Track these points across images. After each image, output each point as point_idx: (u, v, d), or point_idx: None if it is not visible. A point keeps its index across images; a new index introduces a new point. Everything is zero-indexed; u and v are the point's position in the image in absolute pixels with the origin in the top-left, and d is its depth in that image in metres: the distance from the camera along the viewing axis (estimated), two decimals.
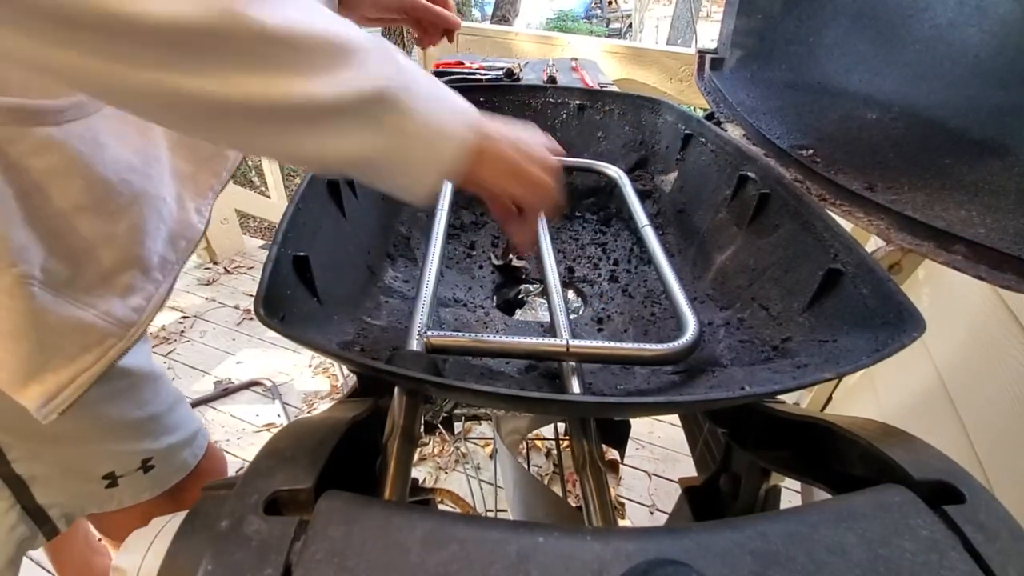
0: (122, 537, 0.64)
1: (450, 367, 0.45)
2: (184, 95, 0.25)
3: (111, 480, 0.54)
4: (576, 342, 0.41)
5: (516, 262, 0.64)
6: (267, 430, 1.42)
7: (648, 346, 0.42)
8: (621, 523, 1.08)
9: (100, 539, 0.76)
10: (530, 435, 1.30)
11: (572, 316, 0.57)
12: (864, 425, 0.31)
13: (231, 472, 1.30)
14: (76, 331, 0.41)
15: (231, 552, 0.21)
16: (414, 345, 0.41)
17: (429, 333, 0.41)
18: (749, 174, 0.55)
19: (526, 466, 1.12)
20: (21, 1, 0.21)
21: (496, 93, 0.77)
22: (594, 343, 0.42)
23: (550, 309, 0.50)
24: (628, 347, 0.42)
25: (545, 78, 0.96)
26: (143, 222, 0.45)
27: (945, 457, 0.27)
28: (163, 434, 0.56)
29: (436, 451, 1.34)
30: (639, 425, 1.43)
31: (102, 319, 0.43)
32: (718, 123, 0.68)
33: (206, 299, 1.87)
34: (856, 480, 0.30)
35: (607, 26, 10.82)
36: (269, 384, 1.54)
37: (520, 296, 0.63)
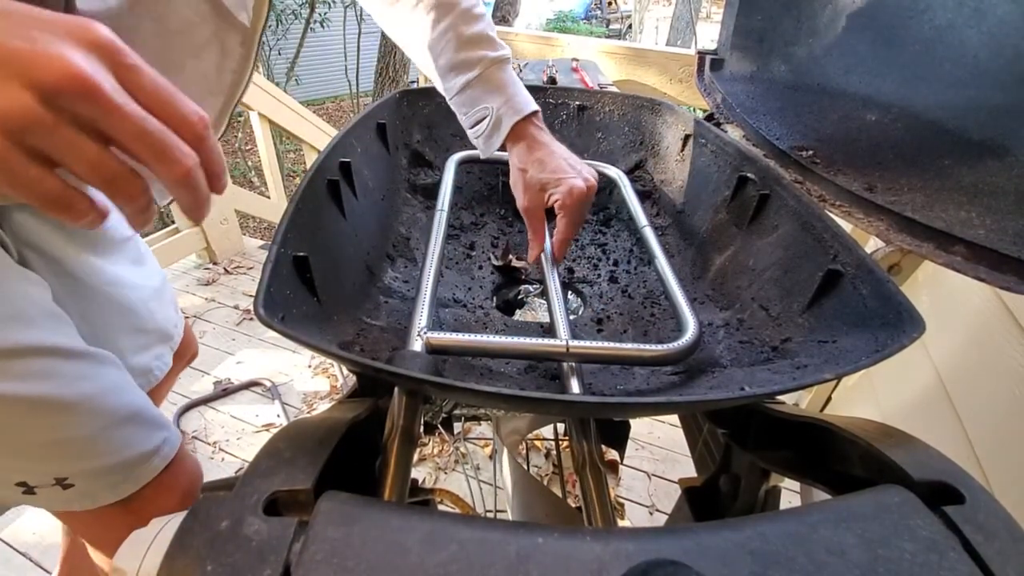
0: (81, 532, 0.61)
1: (450, 367, 0.45)
2: None
3: (26, 488, 0.50)
4: (576, 342, 0.41)
5: (516, 263, 0.64)
6: (267, 430, 1.42)
7: (648, 346, 0.42)
8: (621, 523, 1.08)
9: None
10: (529, 436, 1.30)
11: (572, 316, 0.57)
12: (864, 426, 0.31)
13: (229, 473, 1.30)
14: None
15: (230, 553, 0.21)
16: (414, 345, 0.41)
17: (429, 333, 0.41)
18: (749, 175, 0.55)
19: (525, 467, 1.12)
20: None
21: None
22: (594, 343, 0.42)
23: (550, 310, 0.50)
24: (628, 347, 0.42)
25: (545, 79, 0.96)
26: None
27: (944, 458, 0.27)
28: (81, 458, 0.51)
29: (436, 451, 1.34)
30: (639, 426, 1.43)
31: None
32: (718, 124, 0.68)
33: (206, 299, 1.87)
34: (856, 481, 0.30)
35: (607, 27, 10.85)
36: (269, 384, 1.54)
37: (520, 296, 0.63)
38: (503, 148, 0.57)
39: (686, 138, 0.69)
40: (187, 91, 0.40)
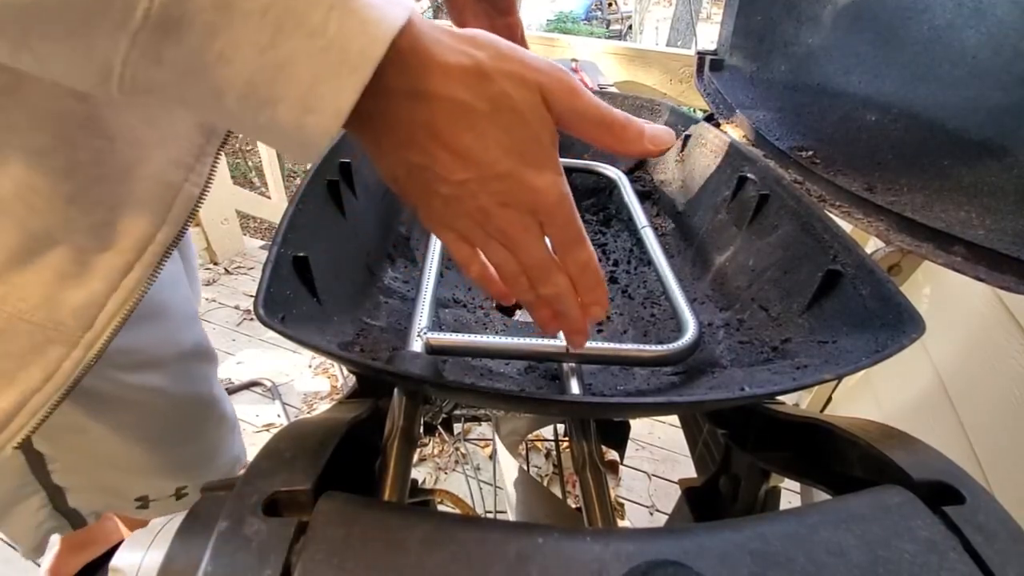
0: None
1: (450, 368, 0.45)
2: None
3: (143, 503, 0.53)
4: None
5: None
6: (267, 430, 1.42)
7: (648, 347, 0.42)
8: (621, 524, 1.07)
9: None
10: (530, 436, 1.30)
11: None
12: (864, 426, 0.31)
13: None
14: None
15: (230, 553, 0.21)
16: (414, 346, 0.41)
17: (429, 334, 0.41)
18: (748, 175, 0.55)
19: (526, 467, 1.12)
20: None
21: None
22: (593, 344, 0.42)
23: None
24: (628, 348, 0.42)
25: None
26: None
27: (945, 458, 0.27)
28: (203, 468, 0.55)
29: (436, 452, 1.34)
30: (639, 426, 1.42)
31: (28, 319, 0.31)
32: (717, 124, 0.68)
33: (206, 299, 1.87)
34: (856, 481, 0.30)
35: (607, 27, 10.83)
36: (269, 384, 1.54)
37: None
38: None
39: (686, 138, 0.68)
40: None
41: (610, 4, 11.19)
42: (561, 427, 0.86)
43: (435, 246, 0.52)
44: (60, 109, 0.30)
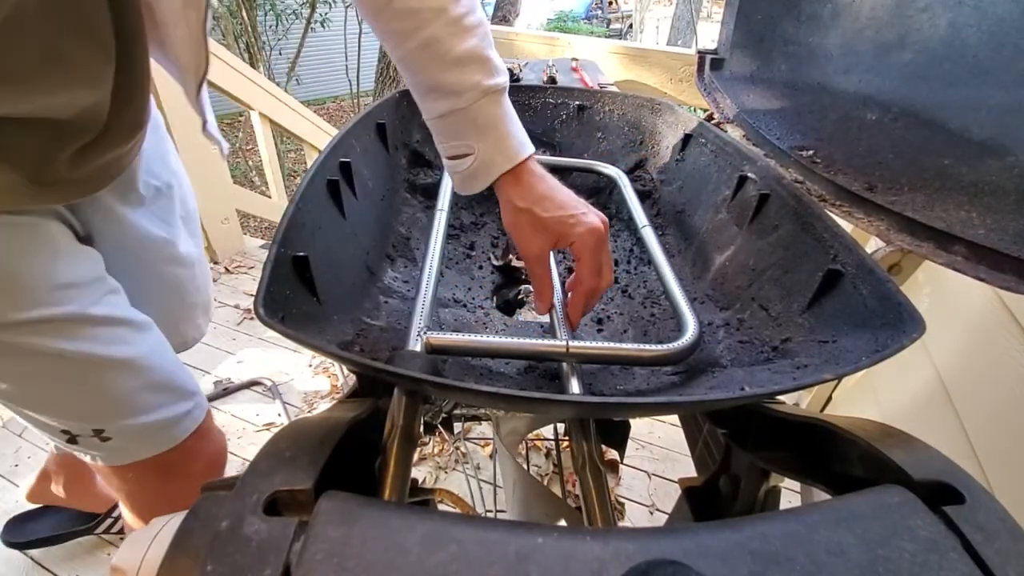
0: (118, 490, 0.69)
1: (450, 367, 0.45)
2: None
3: (70, 437, 0.56)
4: (576, 343, 0.41)
5: (516, 262, 0.64)
6: (267, 430, 1.42)
7: (648, 347, 0.42)
8: (621, 523, 1.07)
9: None
10: (530, 435, 1.30)
11: None
12: (864, 426, 0.31)
13: (231, 471, 1.30)
14: None
15: (230, 552, 0.21)
16: (414, 345, 0.41)
17: (429, 333, 0.41)
18: (749, 175, 0.55)
19: (525, 466, 1.12)
20: None
21: None
22: (594, 344, 0.42)
23: (550, 309, 0.50)
24: (628, 348, 0.42)
25: (545, 78, 0.96)
26: None
27: (945, 458, 0.27)
28: (117, 414, 0.56)
29: (436, 451, 1.34)
30: (639, 425, 1.42)
31: None
32: (718, 124, 0.68)
33: None
34: (856, 481, 0.30)
35: (607, 27, 10.83)
36: (269, 384, 1.54)
37: (520, 296, 0.63)
38: (489, 189, 0.49)
39: (686, 138, 0.68)
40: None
41: (610, 3, 11.18)
42: (561, 427, 0.86)
43: (435, 246, 0.52)
44: None
